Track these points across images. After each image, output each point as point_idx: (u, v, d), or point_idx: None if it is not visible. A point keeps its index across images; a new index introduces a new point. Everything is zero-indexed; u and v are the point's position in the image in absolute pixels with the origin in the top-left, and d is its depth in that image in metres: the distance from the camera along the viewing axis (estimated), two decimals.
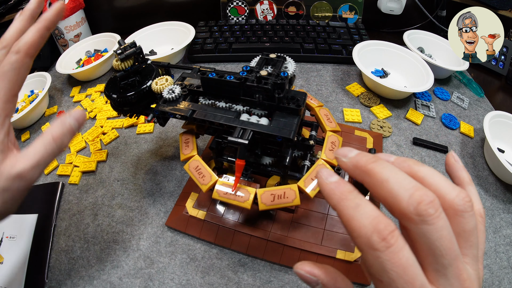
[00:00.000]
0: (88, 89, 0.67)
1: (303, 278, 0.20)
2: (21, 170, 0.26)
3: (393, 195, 0.17)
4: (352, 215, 0.17)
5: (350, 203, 0.17)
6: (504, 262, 0.41)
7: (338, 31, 0.73)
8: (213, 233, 0.42)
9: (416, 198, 0.16)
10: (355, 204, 0.17)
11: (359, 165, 0.19)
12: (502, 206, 0.46)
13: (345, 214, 0.17)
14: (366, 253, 0.16)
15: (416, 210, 0.16)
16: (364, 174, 0.18)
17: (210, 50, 0.70)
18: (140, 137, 0.56)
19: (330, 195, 0.18)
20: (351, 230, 0.17)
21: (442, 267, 0.17)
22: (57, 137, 0.27)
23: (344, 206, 0.17)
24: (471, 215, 0.18)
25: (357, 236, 0.17)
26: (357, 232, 0.16)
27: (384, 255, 0.16)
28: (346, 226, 0.17)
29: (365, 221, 0.16)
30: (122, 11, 0.82)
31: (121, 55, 0.38)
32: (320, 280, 0.20)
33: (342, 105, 0.60)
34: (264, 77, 0.35)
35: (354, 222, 0.17)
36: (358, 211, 0.17)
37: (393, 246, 0.16)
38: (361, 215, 0.17)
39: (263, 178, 0.45)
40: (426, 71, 0.59)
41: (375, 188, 0.18)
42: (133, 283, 0.39)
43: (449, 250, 0.16)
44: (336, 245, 0.39)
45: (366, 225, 0.16)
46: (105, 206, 0.47)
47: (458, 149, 0.53)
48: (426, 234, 0.16)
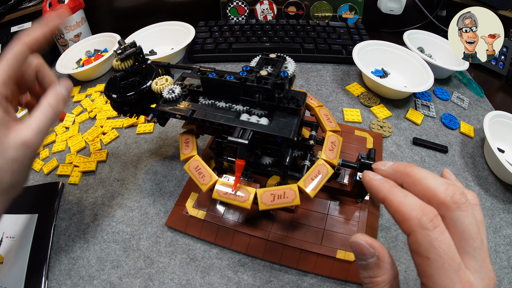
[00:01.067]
0: (88, 89, 0.67)
1: (361, 248, 0.21)
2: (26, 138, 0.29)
3: (432, 188, 0.21)
4: (403, 202, 0.20)
5: (399, 193, 0.21)
6: (504, 262, 0.41)
7: (338, 31, 0.73)
8: (213, 233, 0.42)
9: (451, 190, 0.20)
10: (403, 194, 0.21)
11: (399, 169, 0.23)
12: (502, 206, 0.46)
13: (396, 201, 0.21)
14: (417, 233, 0.19)
15: (452, 199, 0.20)
16: (404, 175, 0.22)
17: (210, 50, 0.70)
18: (140, 137, 0.56)
19: (380, 188, 0.22)
20: (401, 214, 0.20)
21: (473, 249, 0.19)
22: (53, 104, 0.31)
23: (395, 195, 0.21)
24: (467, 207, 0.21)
25: (408, 218, 0.20)
26: (408, 215, 0.20)
27: (433, 234, 0.19)
28: (395, 212, 0.21)
29: (414, 206, 0.20)
30: (122, 11, 0.82)
31: (121, 55, 0.38)
32: (377, 254, 0.21)
33: (342, 105, 0.60)
34: (264, 77, 0.35)
35: (405, 207, 0.20)
36: (407, 199, 0.21)
37: (439, 227, 0.19)
38: (410, 202, 0.20)
39: (263, 178, 0.45)
40: (426, 71, 0.59)
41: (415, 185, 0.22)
42: (133, 283, 0.39)
43: (478, 235, 0.20)
44: (336, 245, 0.39)
45: (415, 209, 0.20)
46: (105, 206, 0.47)
47: (458, 149, 0.53)
48: (460, 219, 0.19)
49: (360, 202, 0.43)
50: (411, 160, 0.51)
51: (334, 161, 0.37)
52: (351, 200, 0.43)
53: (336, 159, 0.38)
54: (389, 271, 0.21)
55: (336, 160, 0.38)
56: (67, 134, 0.58)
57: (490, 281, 0.20)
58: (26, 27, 0.78)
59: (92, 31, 0.80)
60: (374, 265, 0.21)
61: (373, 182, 0.23)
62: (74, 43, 0.74)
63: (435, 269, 0.18)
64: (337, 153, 0.38)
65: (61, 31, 0.73)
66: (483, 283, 0.19)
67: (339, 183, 0.43)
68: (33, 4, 0.81)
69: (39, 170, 0.53)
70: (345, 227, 0.41)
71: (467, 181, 0.49)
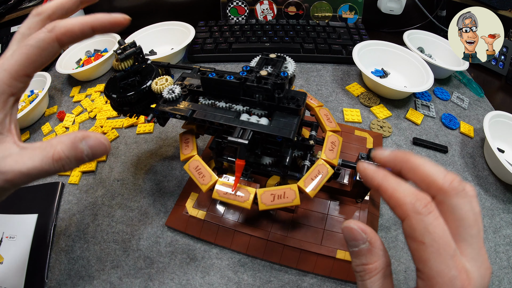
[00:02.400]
0: (88, 89, 0.67)
1: (353, 233, 0.21)
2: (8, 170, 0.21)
3: (431, 174, 0.21)
4: (396, 188, 0.21)
5: (393, 180, 0.21)
6: (504, 262, 0.41)
7: (338, 31, 0.73)
8: (213, 233, 0.42)
9: (449, 176, 0.20)
10: (397, 181, 0.21)
11: (397, 156, 0.23)
12: (502, 206, 0.46)
13: (390, 187, 0.21)
14: (411, 217, 0.19)
15: (451, 185, 0.20)
16: (403, 162, 0.22)
17: (210, 50, 0.70)
18: (140, 137, 0.56)
19: (375, 176, 0.22)
20: (395, 199, 0.20)
21: (470, 237, 0.19)
22: (58, 158, 0.22)
23: (389, 182, 0.21)
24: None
25: (402, 203, 0.20)
26: (402, 200, 0.20)
27: (427, 218, 0.19)
28: (390, 197, 0.21)
29: (408, 192, 0.20)
30: (122, 11, 0.81)
31: (121, 55, 0.38)
32: (369, 239, 0.21)
33: (342, 105, 0.60)
34: (264, 77, 0.35)
35: (399, 193, 0.20)
36: (401, 185, 0.21)
37: (433, 212, 0.19)
38: (404, 188, 0.20)
39: (263, 178, 0.45)
40: (426, 71, 0.59)
41: (414, 171, 0.22)
42: (133, 283, 0.39)
43: (475, 223, 0.20)
44: (336, 245, 0.39)
45: (409, 194, 0.20)
46: (105, 206, 0.47)
47: (458, 149, 0.53)
48: (458, 205, 0.20)
49: (360, 202, 0.43)
50: None
51: (334, 161, 0.37)
52: (351, 200, 0.43)
53: (336, 159, 0.38)
54: (382, 257, 0.21)
55: (336, 160, 0.38)
56: None
57: (486, 271, 0.19)
58: None
59: None
60: (366, 251, 0.21)
61: (368, 171, 0.23)
62: None
63: (430, 253, 0.18)
64: (337, 153, 0.38)
65: None
66: (480, 271, 0.19)
67: (339, 183, 0.43)
68: (33, 4, 0.81)
69: None
70: None
71: (467, 181, 0.49)
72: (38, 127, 0.61)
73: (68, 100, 0.66)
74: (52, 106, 0.65)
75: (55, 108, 0.64)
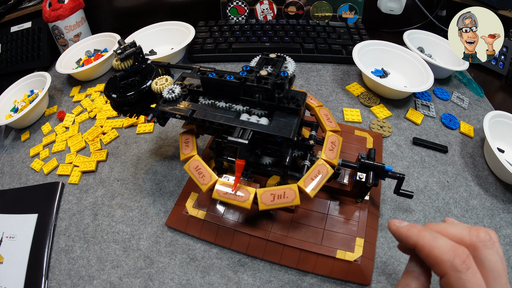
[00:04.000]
0: (88, 89, 0.67)
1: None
2: None
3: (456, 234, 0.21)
4: (433, 245, 0.21)
5: (428, 236, 0.21)
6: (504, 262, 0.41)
7: (338, 31, 0.73)
8: (213, 233, 0.42)
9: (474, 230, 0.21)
10: (433, 236, 0.21)
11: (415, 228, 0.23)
12: (502, 206, 0.46)
13: (427, 245, 0.21)
14: (450, 276, 0.19)
15: (479, 238, 0.20)
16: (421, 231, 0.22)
17: (210, 50, 0.70)
18: (140, 137, 0.56)
19: (409, 234, 0.22)
20: (433, 257, 0.20)
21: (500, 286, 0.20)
22: None
23: (425, 239, 0.21)
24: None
25: (440, 261, 0.20)
26: (440, 258, 0.20)
27: (465, 276, 0.19)
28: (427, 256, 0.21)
29: (445, 249, 0.20)
30: (122, 11, 0.82)
31: (121, 55, 0.38)
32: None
33: (342, 105, 0.60)
34: (264, 77, 0.35)
35: (436, 250, 0.20)
36: (437, 241, 0.21)
37: (471, 268, 0.19)
38: (441, 244, 0.20)
39: (263, 178, 0.45)
40: (426, 71, 0.59)
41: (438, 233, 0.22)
42: (133, 283, 0.39)
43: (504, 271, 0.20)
44: (336, 245, 0.39)
45: (447, 251, 0.20)
46: (105, 206, 0.47)
47: (458, 149, 0.53)
48: (488, 257, 0.20)
49: (360, 202, 0.43)
50: (411, 159, 0.51)
51: (334, 161, 0.37)
52: (351, 200, 0.43)
53: (336, 159, 0.38)
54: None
55: (336, 160, 0.38)
56: (67, 134, 0.58)
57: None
58: (26, 27, 0.78)
59: (92, 31, 0.80)
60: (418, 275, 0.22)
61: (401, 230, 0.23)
62: (74, 43, 0.74)
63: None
64: (337, 153, 0.38)
65: (61, 31, 0.73)
66: None
67: (339, 183, 0.43)
68: (33, 4, 0.81)
69: (39, 170, 0.53)
70: (345, 227, 0.41)
71: (467, 181, 0.49)
72: (38, 127, 0.61)
73: (68, 100, 0.66)
74: (52, 106, 0.65)
75: (55, 108, 0.64)
